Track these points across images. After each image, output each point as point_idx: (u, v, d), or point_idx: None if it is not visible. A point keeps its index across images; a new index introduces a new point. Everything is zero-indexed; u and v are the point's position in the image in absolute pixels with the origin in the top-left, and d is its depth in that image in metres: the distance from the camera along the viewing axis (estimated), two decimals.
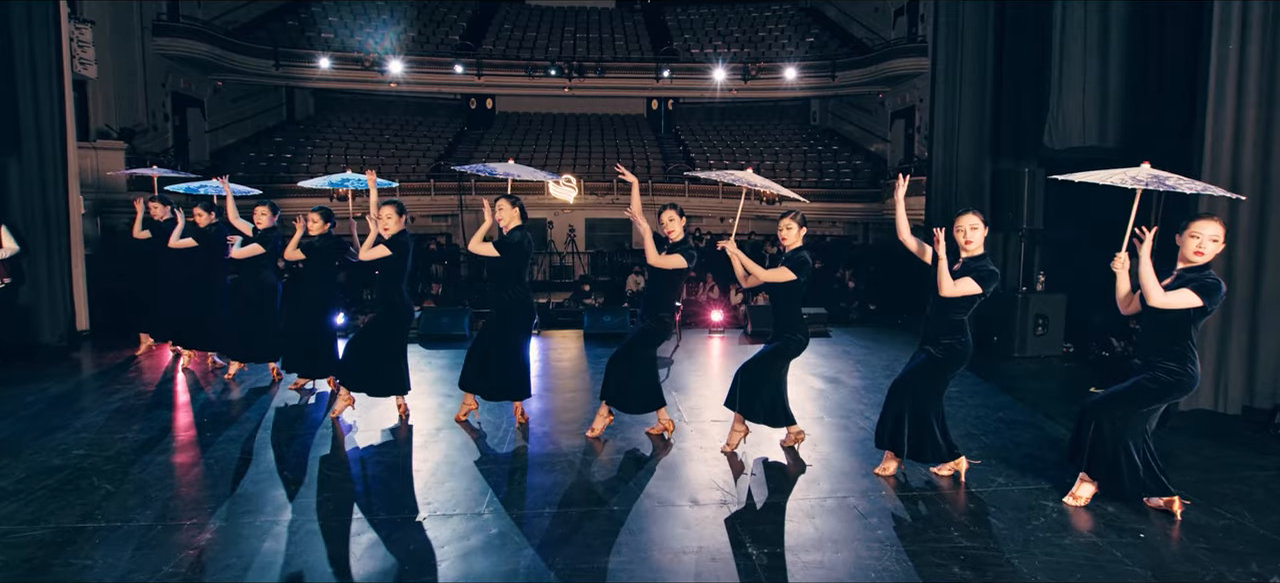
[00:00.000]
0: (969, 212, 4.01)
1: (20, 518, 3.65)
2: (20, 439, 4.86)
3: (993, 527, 3.63)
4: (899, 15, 19.69)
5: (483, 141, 21.41)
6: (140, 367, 7.09)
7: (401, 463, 4.50)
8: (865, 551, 3.35)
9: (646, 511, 3.80)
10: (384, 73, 19.13)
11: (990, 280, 3.87)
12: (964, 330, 3.96)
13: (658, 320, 4.72)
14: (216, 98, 18.47)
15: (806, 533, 3.56)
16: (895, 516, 3.76)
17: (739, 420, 4.64)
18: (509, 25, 23.58)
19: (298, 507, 3.81)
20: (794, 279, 4.33)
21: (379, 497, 3.97)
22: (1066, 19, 6.38)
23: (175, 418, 5.42)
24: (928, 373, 4.02)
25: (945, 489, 4.11)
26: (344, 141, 20.08)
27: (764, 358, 4.50)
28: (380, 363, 5.09)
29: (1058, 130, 6.47)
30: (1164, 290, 3.54)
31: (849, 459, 4.59)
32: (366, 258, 4.96)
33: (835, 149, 21.63)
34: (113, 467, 4.37)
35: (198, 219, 6.57)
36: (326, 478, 4.22)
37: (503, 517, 3.70)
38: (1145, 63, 6.41)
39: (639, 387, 4.77)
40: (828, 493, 4.04)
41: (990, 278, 3.87)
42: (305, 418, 5.42)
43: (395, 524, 3.62)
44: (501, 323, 4.96)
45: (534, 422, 5.31)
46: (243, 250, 6.01)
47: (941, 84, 8.37)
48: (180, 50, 15.99)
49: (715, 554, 3.33)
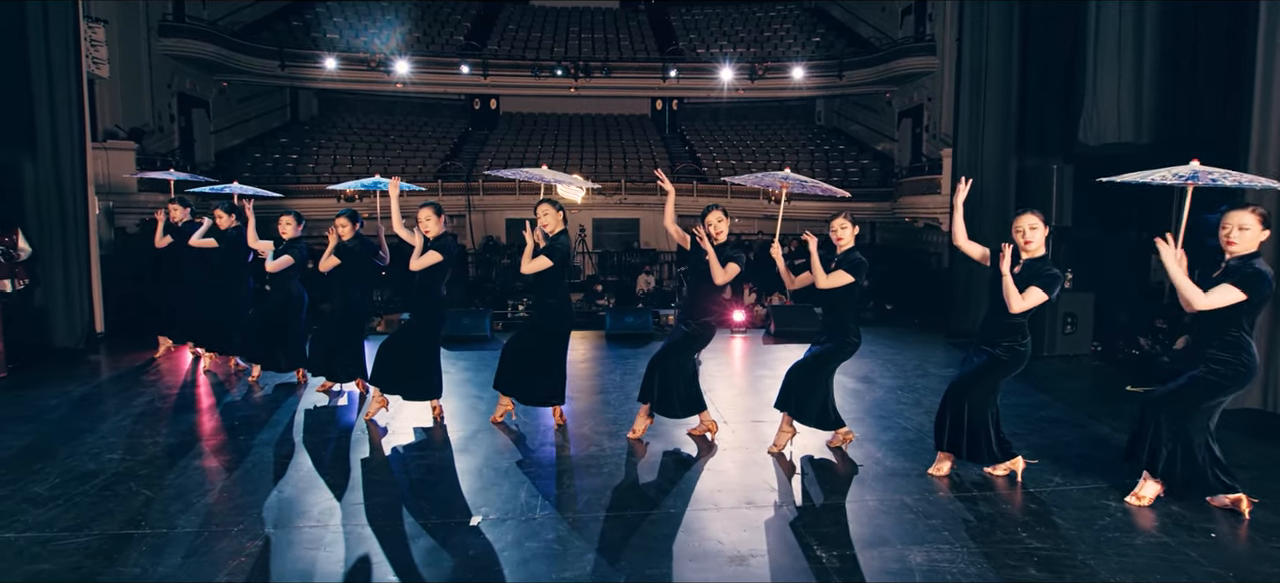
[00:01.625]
0: (1027, 211, 3.93)
1: (62, 525, 3.55)
2: (49, 443, 4.76)
3: (1059, 527, 3.56)
4: (906, 14, 19.64)
5: (488, 142, 21.30)
6: (160, 369, 6.98)
7: (444, 465, 4.41)
8: (937, 553, 3.27)
9: (703, 513, 3.72)
10: (390, 73, 18.99)
11: (1055, 285, 3.81)
12: (1026, 332, 3.90)
13: (703, 325, 4.64)
14: (222, 99, 18.32)
15: (871, 534, 3.48)
16: (958, 516, 3.68)
17: (787, 421, 4.56)
18: (513, 26, 23.47)
19: (345, 510, 3.72)
20: (852, 282, 4.26)
21: (427, 500, 3.88)
22: (1101, 17, 6.33)
23: (202, 421, 5.33)
24: (989, 373, 3.95)
25: (1002, 490, 4.04)
26: (349, 143, 19.96)
27: (816, 360, 4.43)
28: (417, 367, 5.00)
29: (1092, 127, 6.42)
30: (1204, 292, 3.45)
31: (898, 459, 4.51)
32: (418, 268, 4.85)
33: (842, 149, 21.57)
34: (149, 471, 4.27)
35: (219, 221, 6.47)
36: (371, 482, 4.13)
37: (558, 521, 3.62)
38: (1178, 60, 6.37)
39: (683, 391, 4.69)
40: (884, 494, 3.96)
41: (1054, 282, 3.80)
42: (337, 420, 5.33)
43: (449, 528, 3.53)
44: (541, 327, 4.87)
45: (571, 423, 5.22)
46: (276, 263, 5.88)
47: (967, 82, 8.32)
48: (186, 51, 15.84)
49: (784, 557, 3.25)
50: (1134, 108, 6.40)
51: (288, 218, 6.03)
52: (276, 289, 6.10)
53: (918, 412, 5.64)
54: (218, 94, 18.09)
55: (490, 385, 5.20)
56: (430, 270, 4.89)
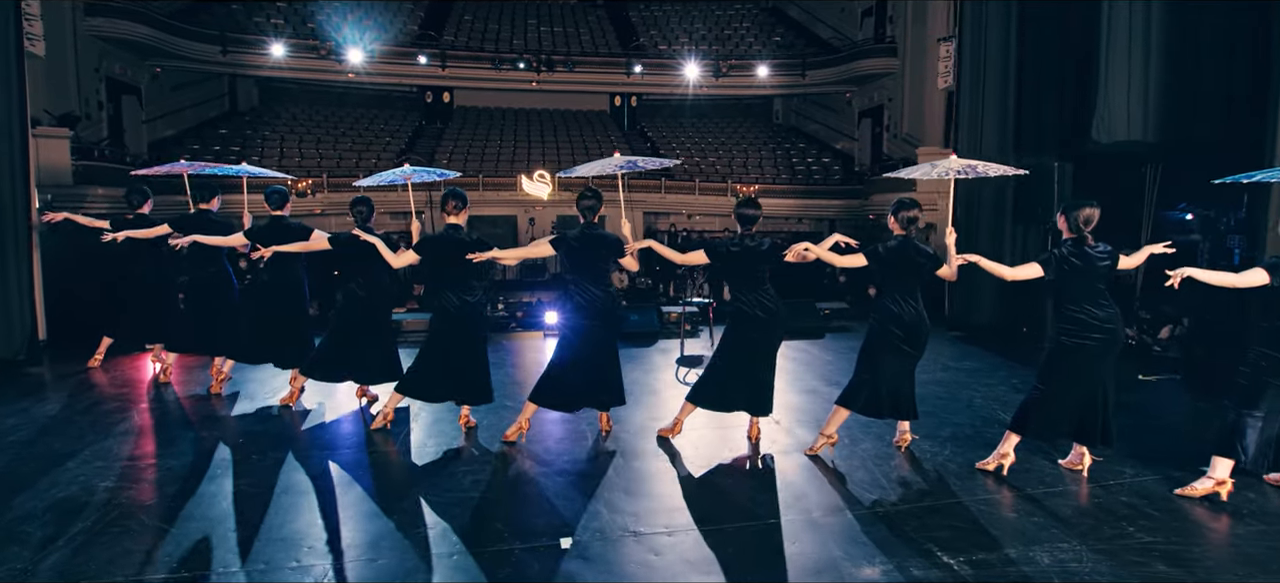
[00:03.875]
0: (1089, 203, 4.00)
1: (75, 572, 3.01)
2: (20, 472, 4.11)
3: (1158, 519, 3.52)
4: (866, 16, 20.03)
5: (444, 136, 20.53)
6: (127, 379, 6.26)
7: (512, 482, 4.03)
8: (1061, 553, 3.16)
9: (798, 521, 3.50)
10: (342, 62, 18.00)
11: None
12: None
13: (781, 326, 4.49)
14: (155, 85, 16.90)
15: (984, 537, 3.34)
16: (1056, 514, 3.60)
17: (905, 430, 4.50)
18: (469, 16, 22.72)
19: (437, 538, 3.30)
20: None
21: (515, 517, 3.50)
22: (1113, 18, 6.48)
23: (201, 437, 4.74)
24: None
25: (1072, 484, 3.99)
26: (296, 135, 18.82)
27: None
28: (473, 369, 4.64)
29: (1104, 125, 6.57)
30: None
31: (961, 456, 4.40)
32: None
33: (802, 147, 21.83)
34: (158, 501, 3.73)
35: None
36: (437, 503, 3.70)
37: (665, 537, 3.31)
38: (1182, 60, 6.58)
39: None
40: (975, 493, 3.84)
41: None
42: (353, 433, 4.84)
43: (547, 553, 3.18)
44: (603, 327, 4.52)
45: (612, 429, 4.90)
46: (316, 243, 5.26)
47: (967, 80, 8.41)
48: (117, 32, 14.52)
49: (912, 565, 3.06)
50: (1142, 106, 6.58)
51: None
52: (274, 275, 5.46)
53: (957, 407, 5.59)
54: (150, 80, 16.71)
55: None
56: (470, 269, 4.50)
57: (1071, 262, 3.92)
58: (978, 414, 5.45)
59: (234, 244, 5.52)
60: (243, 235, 5.38)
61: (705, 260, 4.39)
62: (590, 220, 4.46)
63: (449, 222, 4.60)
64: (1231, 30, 6.06)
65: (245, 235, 5.37)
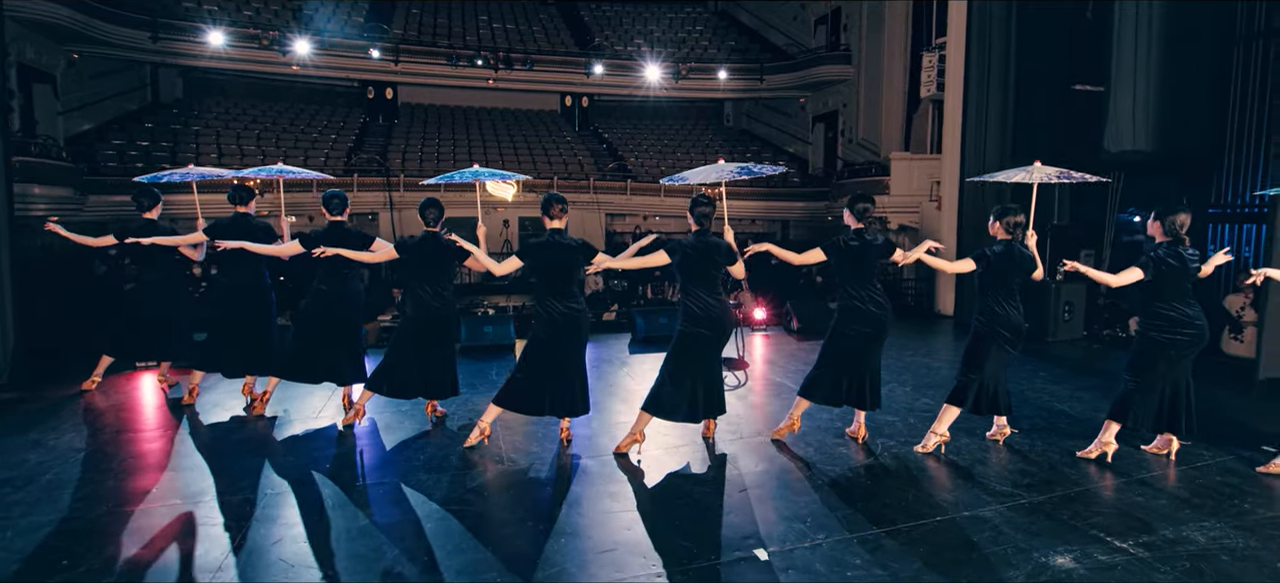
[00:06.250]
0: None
1: None
2: (100, 524, 3.58)
3: (1264, 494, 3.80)
4: (820, 24, 20.67)
5: (393, 134, 19.64)
6: (134, 402, 5.60)
7: (617, 504, 3.86)
8: (1209, 532, 3.36)
9: (973, 519, 3.54)
10: (288, 53, 16.85)
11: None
12: None
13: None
14: (71, 73, 15.24)
15: (1133, 520, 3.48)
16: (1178, 498, 3.82)
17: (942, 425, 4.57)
18: (417, 10, 21.84)
19: (548, 559, 3.12)
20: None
21: (646, 539, 3.35)
22: (1120, 32, 6.97)
23: (242, 463, 4.27)
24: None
25: (1166, 470, 4.25)
26: (232, 130, 17.45)
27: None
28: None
29: (1113, 136, 7.06)
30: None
31: (1054, 445, 4.59)
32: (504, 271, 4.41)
33: (755, 150, 22.27)
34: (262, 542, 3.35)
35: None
36: (521, 521, 3.51)
37: (798, 555, 3.27)
38: (1177, 75, 7.16)
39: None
40: (1094, 481, 4.01)
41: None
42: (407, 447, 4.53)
43: (729, 566, 3.06)
44: (716, 338, 4.43)
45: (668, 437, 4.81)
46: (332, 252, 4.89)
47: (974, 88, 8.82)
48: (32, 12, 12.97)
49: (1094, 550, 3.17)
50: (1146, 119, 7.12)
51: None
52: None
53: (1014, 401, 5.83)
54: (67, 67, 15.08)
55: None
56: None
57: (1168, 263, 4.17)
58: (1031, 405, 5.70)
59: (287, 252, 5.07)
60: (298, 242, 4.94)
61: (822, 257, 4.40)
62: (706, 228, 4.36)
63: (551, 226, 4.39)
64: (1212, 55, 6.65)
65: (300, 242, 4.93)
